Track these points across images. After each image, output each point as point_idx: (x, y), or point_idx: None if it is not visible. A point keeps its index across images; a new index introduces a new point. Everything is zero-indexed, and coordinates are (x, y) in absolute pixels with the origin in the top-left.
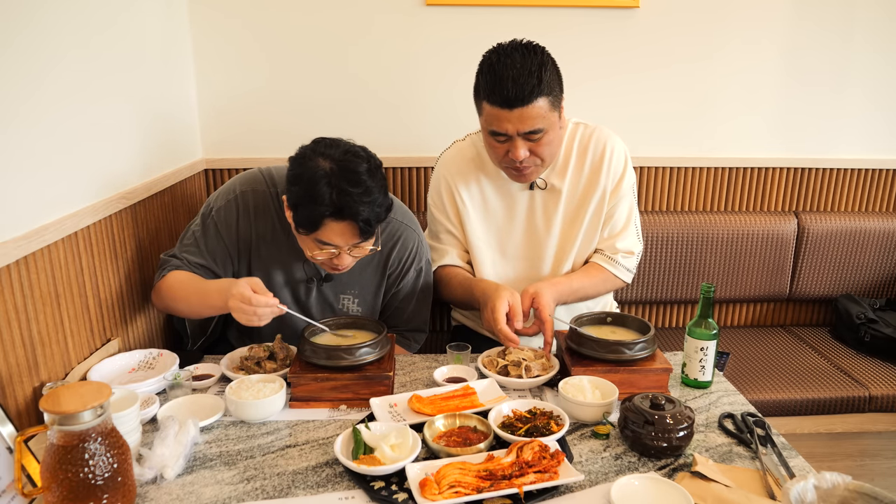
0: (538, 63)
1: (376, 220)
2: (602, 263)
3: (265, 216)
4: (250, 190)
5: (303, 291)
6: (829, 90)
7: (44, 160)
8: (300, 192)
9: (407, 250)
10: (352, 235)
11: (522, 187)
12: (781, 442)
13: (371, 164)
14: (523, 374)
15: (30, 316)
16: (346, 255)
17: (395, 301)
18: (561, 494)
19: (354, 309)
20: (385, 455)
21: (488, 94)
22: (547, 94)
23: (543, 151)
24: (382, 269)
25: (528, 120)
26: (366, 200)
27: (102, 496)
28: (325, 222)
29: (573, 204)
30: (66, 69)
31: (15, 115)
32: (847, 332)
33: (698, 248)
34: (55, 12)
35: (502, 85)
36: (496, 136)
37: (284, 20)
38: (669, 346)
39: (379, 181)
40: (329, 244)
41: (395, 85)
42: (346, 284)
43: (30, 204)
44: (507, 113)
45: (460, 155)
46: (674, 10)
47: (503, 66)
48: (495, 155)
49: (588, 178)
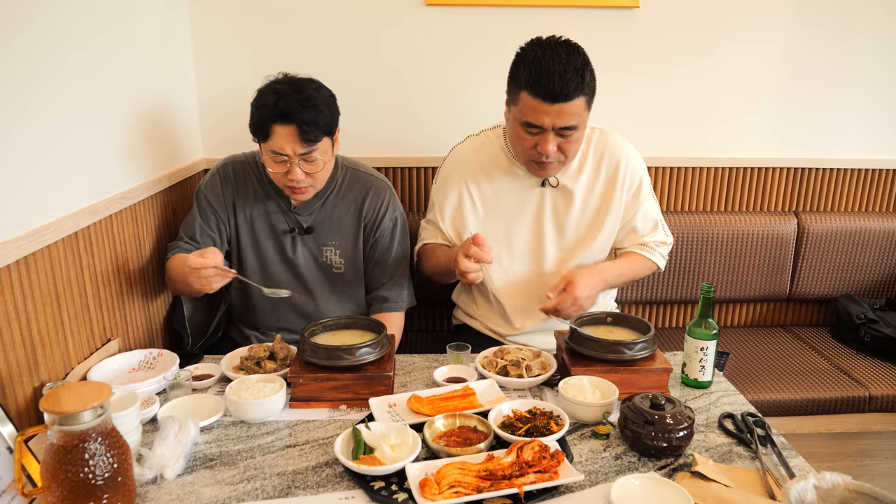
0: (582, 62)
1: (315, 123)
2: (638, 251)
3: (245, 180)
4: (230, 161)
5: (288, 245)
6: (828, 90)
7: (44, 160)
8: (254, 104)
9: (379, 199)
10: (296, 140)
11: (534, 184)
12: (781, 442)
13: (320, 86)
14: (524, 373)
15: (30, 316)
16: (296, 168)
17: (376, 253)
18: (561, 494)
19: (337, 261)
20: (385, 455)
21: (531, 85)
22: (587, 93)
23: (570, 149)
24: (358, 217)
25: (566, 116)
26: (307, 105)
27: (102, 496)
28: (273, 128)
29: (589, 210)
30: (66, 70)
31: (15, 115)
32: (847, 332)
33: (698, 248)
34: (56, 14)
35: (548, 78)
36: (529, 128)
37: (284, 21)
38: (669, 346)
39: (323, 96)
40: (280, 153)
41: (394, 85)
42: (327, 236)
43: (30, 204)
44: (546, 106)
45: (473, 149)
46: (674, 10)
47: (550, 60)
48: (522, 146)
49: (605, 187)
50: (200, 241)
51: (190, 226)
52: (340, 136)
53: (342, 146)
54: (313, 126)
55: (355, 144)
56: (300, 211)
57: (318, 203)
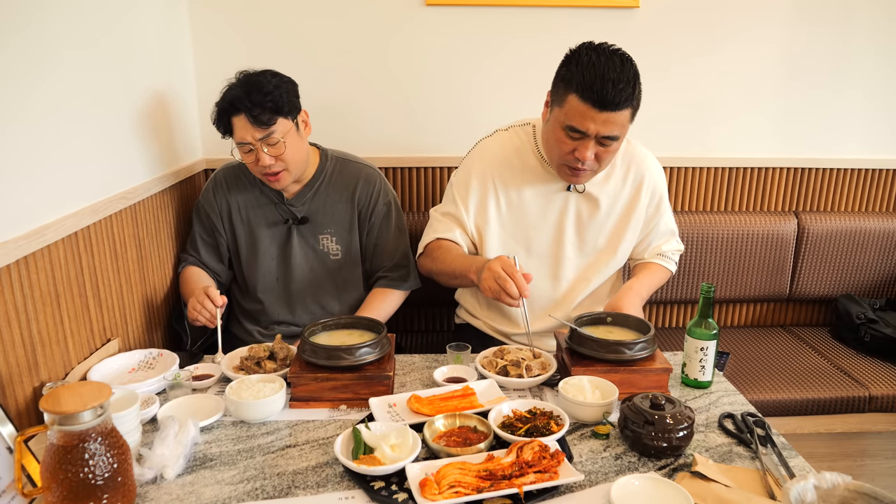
0: (634, 73)
1: (261, 105)
2: (661, 263)
3: (238, 183)
4: (223, 169)
5: (284, 236)
6: (829, 90)
7: (44, 160)
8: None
9: (371, 185)
10: (250, 126)
11: (560, 188)
12: (781, 442)
13: (274, 73)
14: (524, 373)
15: (30, 316)
16: (263, 154)
17: (373, 238)
18: (561, 494)
19: (334, 248)
20: (385, 455)
21: (583, 89)
22: (634, 106)
23: (606, 158)
24: (351, 204)
25: (612, 125)
26: (252, 91)
27: (102, 496)
28: (231, 121)
29: (612, 218)
30: (66, 69)
31: (15, 115)
32: (847, 332)
33: (698, 248)
34: (55, 12)
35: (602, 85)
36: (572, 132)
37: (284, 21)
38: (669, 346)
39: (273, 82)
40: (243, 143)
41: (394, 85)
42: (322, 225)
43: (30, 204)
44: (595, 113)
45: (501, 146)
46: (674, 10)
47: (605, 67)
48: (559, 150)
49: (630, 197)
50: (202, 254)
51: (192, 239)
52: (340, 135)
53: (339, 143)
54: (261, 109)
55: (355, 144)
56: (293, 202)
57: (310, 193)
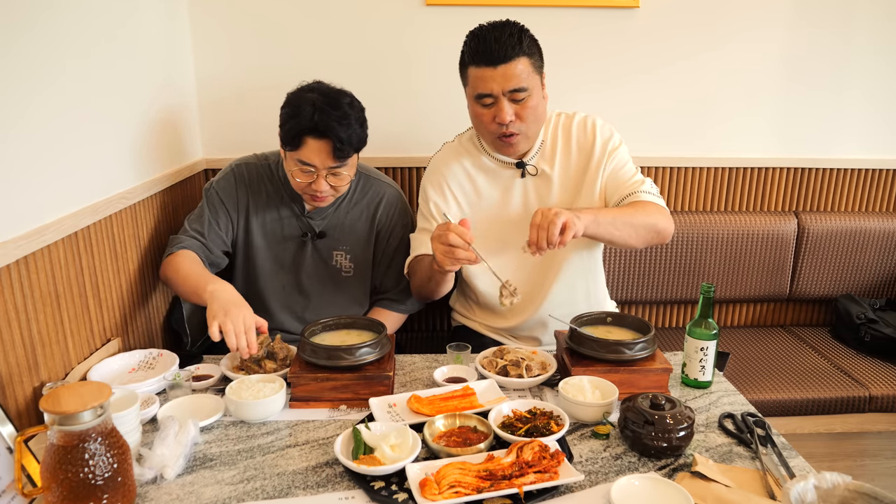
0: (518, 28)
1: (349, 142)
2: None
3: (259, 183)
4: (244, 164)
5: (297, 248)
6: (828, 90)
7: (44, 160)
8: (288, 112)
9: (393, 206)
10: (328, 155)
11: (514, 175)
12: (781, 442)
13: (353, 100)
14: (524, 373)
15: (30, 316)
16: (322, 181)
17: (387, 258)
18: (561, 494)
19: (347, 265)
20: (385, 455)
21: (473, 56)
22: (528, 54)
23: (528, 115)
24: (371, 223)
25: (513, 78)
26: (343, 122)
27: (102, 496)
28: (305, 139)
29: (568, 189)
30: (67, 71)
31: (15, 115)
32: (847, 332)
33: (698, 248)
34: (57, 15)
35: (486, 45)
36: (482, 99)
37: (284, 21)
38: (669, 346)
39: (357, 113)
40: (308, 164)
41: (394, 85)
42: (338, 241)
43: (30, 204)
44: (491, 71)
45: (451, 154)
46: (674, 10)
47: (486, 31)
48: (483, 124)
49: (577, 158)
50: (207, 237)
51: (198, 220)
52: None
53: None
54: (347, 144)
55: None
56: (313, 216)
57: (332, 209)
